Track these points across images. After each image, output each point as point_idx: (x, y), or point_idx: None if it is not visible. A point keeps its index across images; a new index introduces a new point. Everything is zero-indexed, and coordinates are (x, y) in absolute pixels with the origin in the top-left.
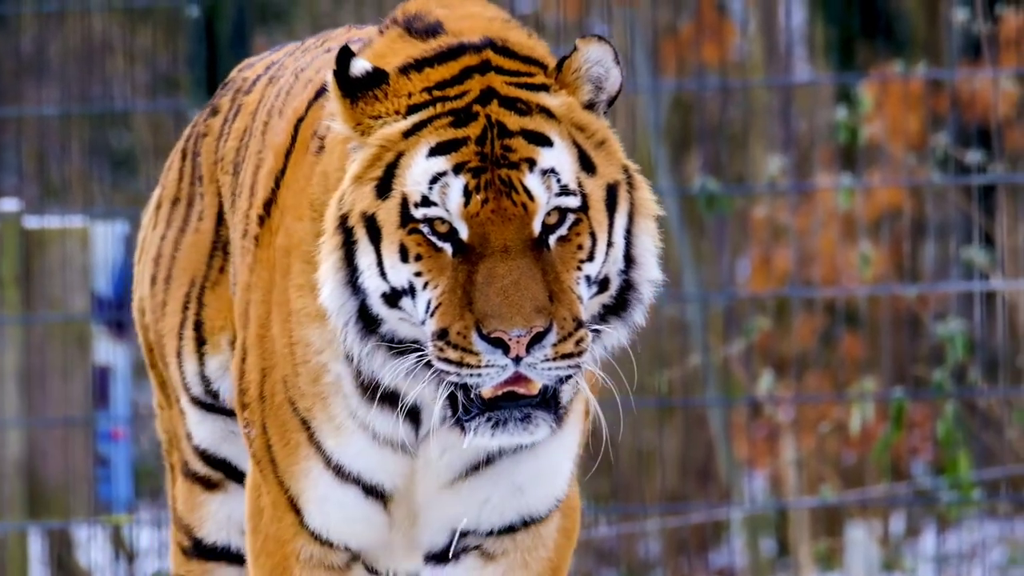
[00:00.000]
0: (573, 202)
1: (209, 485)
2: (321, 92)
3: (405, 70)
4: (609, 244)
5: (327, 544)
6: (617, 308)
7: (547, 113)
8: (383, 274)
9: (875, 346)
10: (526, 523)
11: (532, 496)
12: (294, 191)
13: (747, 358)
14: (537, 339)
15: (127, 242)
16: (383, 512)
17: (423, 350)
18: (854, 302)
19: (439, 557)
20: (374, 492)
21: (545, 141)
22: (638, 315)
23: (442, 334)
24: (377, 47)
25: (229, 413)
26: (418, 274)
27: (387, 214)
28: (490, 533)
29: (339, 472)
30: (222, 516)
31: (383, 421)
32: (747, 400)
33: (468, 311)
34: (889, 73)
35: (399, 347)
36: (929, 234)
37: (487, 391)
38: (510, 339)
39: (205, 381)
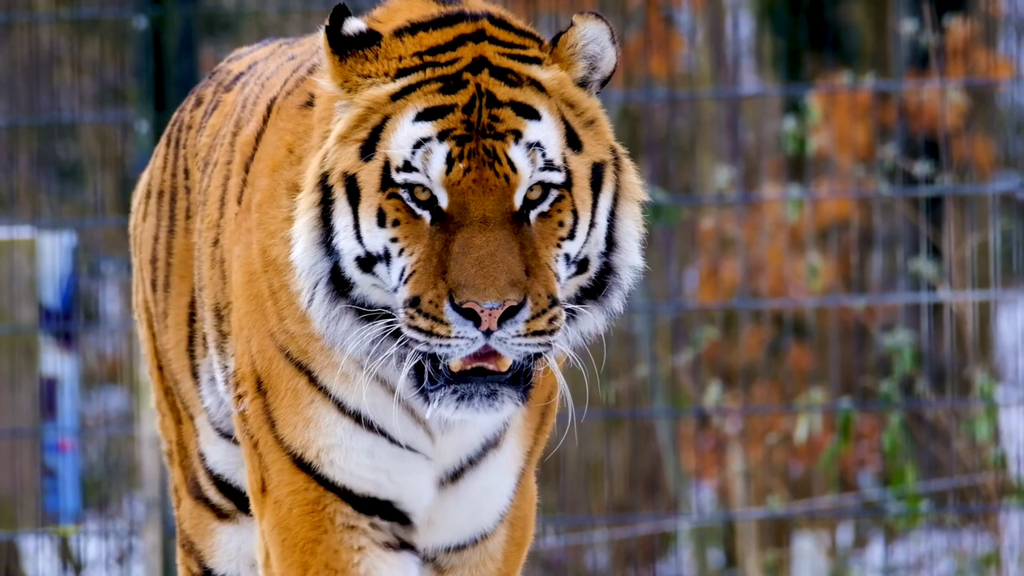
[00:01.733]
0: (557, 177)
1: (220, 515)
2: (298, 68)
3: (399, 33)
4: (591, 224)
5: (355, 501)
6: (595, 291)
7: (537, 86)
8: (359, 237)
9: (823, 357)
10: (475, 540)
11: (482, 515)
12: (266, 155)
13: (695, 369)
14: (510, 313)
15: (75, 253)
16: (423, 463)
17: (392, 318)
18: (802, 313)
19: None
20: (403, 446)
21: (533, 114)
22: (616, 300)
23: (414, 302)
24: (393, 3)
25: None
26: (394, 240)
27: (368, 176)
28: (447, 549)
29: (357, 419)
30: (232, 548)
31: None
32: (695, 411)
33: (442, 280)
34: (837, 84)
35: (368, 312)
36: (877, 245)
37: (456, 364)
38: (482, 311)
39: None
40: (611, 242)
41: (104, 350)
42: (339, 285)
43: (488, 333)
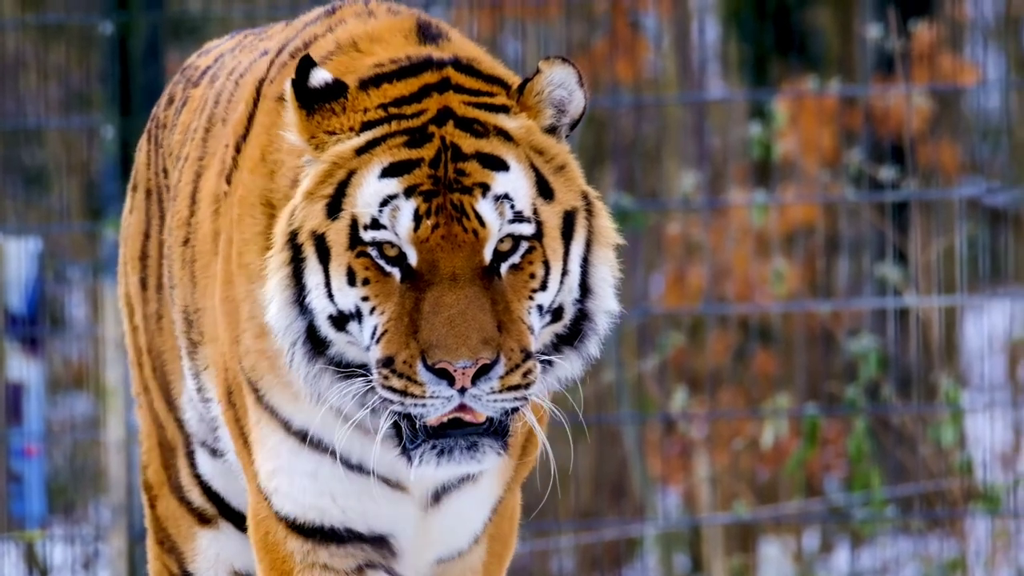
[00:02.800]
0: (527, 229)
1: (203, 520)
2: (280, 52)
3: (364, 85)
4: (564, 273)
5: (307, 536)
6: (571, 338)
7: (504, 136)
8: (330, 296)
9: (789, 362)
10: (453, 556)
11: (457, 536)
12: (253, 145)
13: (661, 374)
14: (483, 371)
15: (40, 259)
16: (392, 489)
17: (370, 375)
18: (768, 318)
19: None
20: (361, 470)
21: (500, 165)
22: (592, 346)
23: (387, 362)
24: (375, 30)
25: None
26: (365, 299)
27: (336, 235)
28: (428, 563)
29: (304, 439)
30: (211, 554)
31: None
32: (661, 416)
33: (414, 340)
34: (803, 89)
35: (346, 371)
36: (843, 250)
37: (432, 419)
38: (455, 371)
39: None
40: (585, 288)
41: (70, 356)
42: (316, 344)
43: (463, 391)
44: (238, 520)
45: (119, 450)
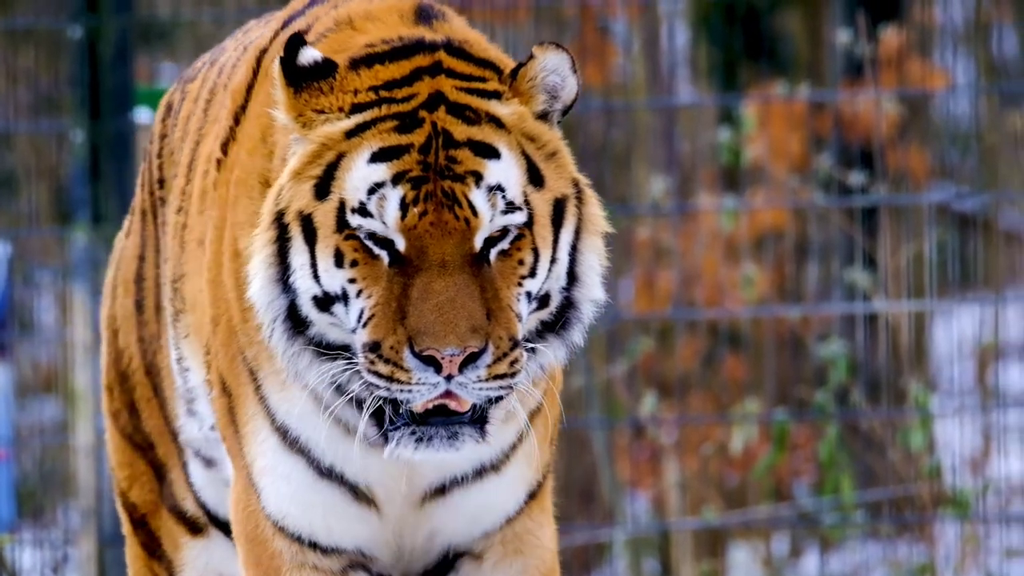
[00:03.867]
0: (518, 218)
1: (194, 529)
2: (289, 21)
3: (355, 64)
4: (553, 260)
5: (292, 538)
6: (555, 325)
7: (496, 123)
8: (316, 276)
9: (758, 367)
10: (497, 527)
11: (483, 525)
12: (252, 123)
13: (630, 379)
14: (471, 359)
15: (9, 263)
16: (359, 504)
17: (352, 357)
18: (737, 323)
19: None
20: (331, 476)
21: (492, 153)
22: (576, 335)
23: (374, 347)
24: (372, 7)
25: None
26: (352, 281)
27: (324, 216)
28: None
29: (284, 436)
30: (201, 564)
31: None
32: (630, 421)
33: (401, 326)
34: (772, 94)
35: (327, 352)
36: (812, 255)
37: (417, 405)
38: (443, 358)
39: None
40: (572, 276)
41: (39, 360)
42: (296, 323)
43: (449, 378)
44: (227, 528)
45: (88, 454)
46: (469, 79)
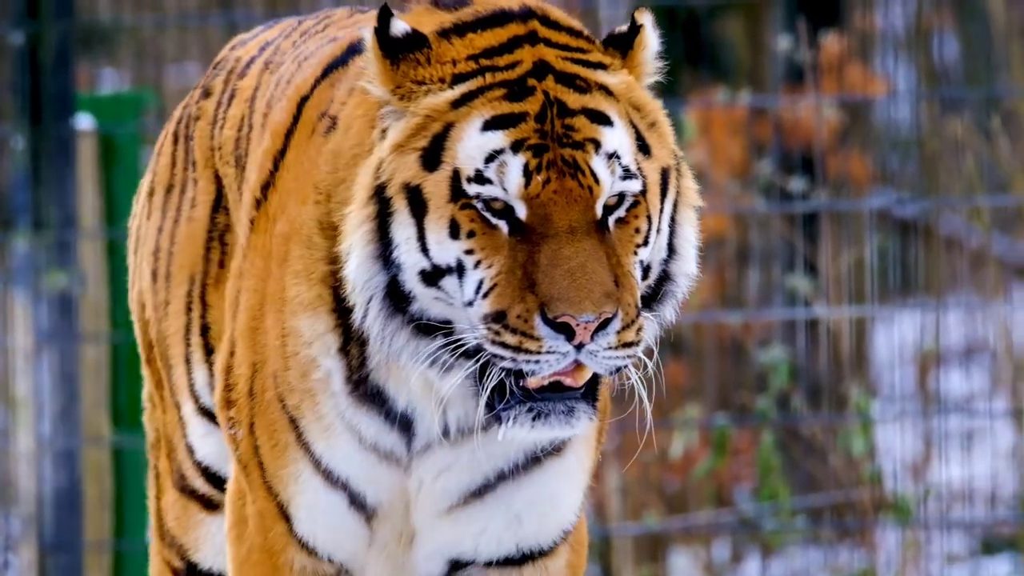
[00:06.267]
0: (635, 186)
1: (209, 505)
2: (328, 70)
3: (445, 34)
4: (658, 231)
5: (316, 554)
6: (650, 300)
7: (606, 91)
8: (424, 249)
9: (699, 373)
10: (529, 556)
11: (532, 526)
12: (296, 174)
13: None
14: (603, 326)
15: None
16: (364, 526)
17: (451, 333)
18: (678, 328)
19: None
20: (357, 502)
21: (606, 120)
22: (669, 310)
23: (498, 316)
24: (405, 18)
25: None
26: (469, 251)
27: (435, 187)
28: (489, 564)
29: (328, 477)
30: (220, 539)
31: (370, 423)
32: None
33: (530, 293)
34: (712, 100)
35: (424, 329)
36: (753, 261)
37: (534, 380)
38: (577, 324)
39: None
40: (671, 249)
41: None
42: (396, 300)
43: (580, 347)
44: None
45: (28, 461)
46: (568, 49)
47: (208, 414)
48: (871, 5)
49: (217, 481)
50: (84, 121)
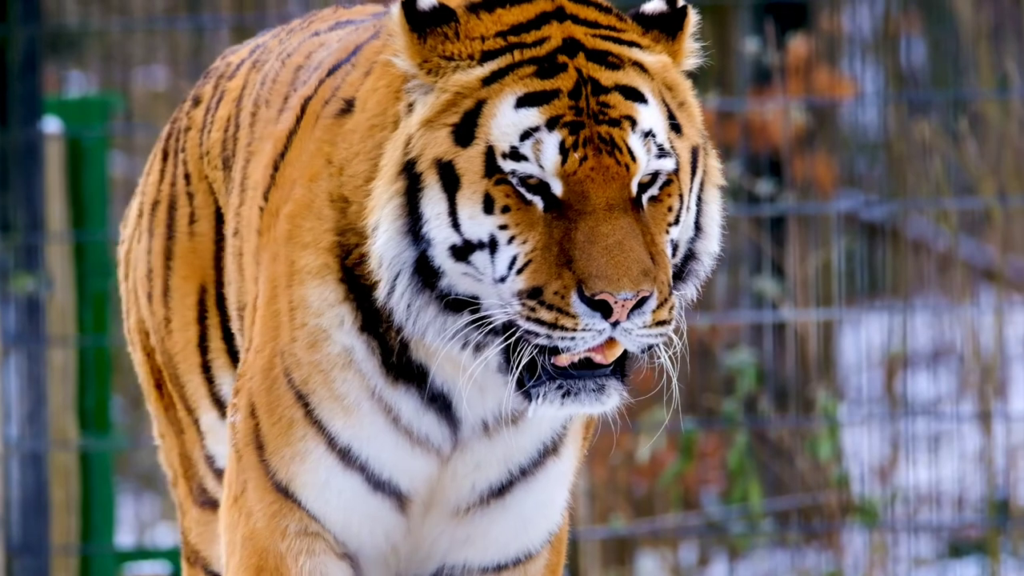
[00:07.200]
0: (669, 164)
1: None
2: (333, 71)
3: (473, 9)
4: (687, 209)
5: (322, 538)
6: (675, 278)
7: (640, 67)
8: (455, 224)
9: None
10: (517, 561)
11: (534, 531)
12: (298, 164)
13: None
14: (639, 304)
15: None
16: (397, 513)
17: (479, 311)
18: None
19: None
20: (385, 488)
21: (640, 97)
22: (692, 288)
23: (533, 293)
24: None
25: None
26: (503, 227)
27: (469, 162)
28: (484, 570)
29: (345, 457)
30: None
31: (407, 404)
32: None
33: (567, 270)
34: None
35: (452, 305)
36: (720, 264)
37: (563, 357)
38: (615, 302)
39: None
40: (697, 227)
41: None
42: (425, 275)
43: (615, 325)
44: None
45: None
46: (596, 26)
47: None
48: (838, 8)
49: None
50: (51, 124)
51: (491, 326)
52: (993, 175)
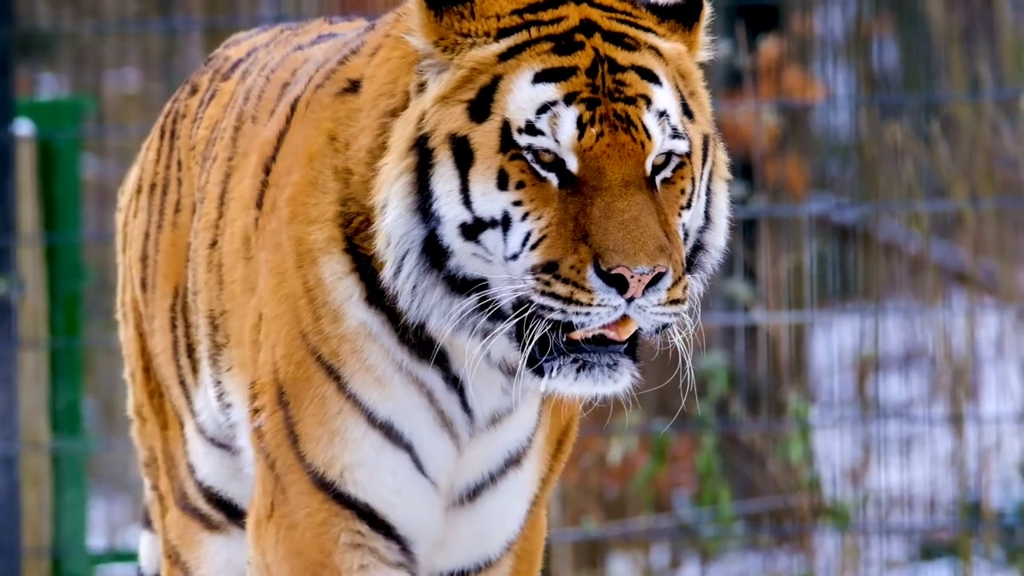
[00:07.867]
0: (683, 146)
1: (210, 525)
2: (319, 86)
3: None
4: (698, 196)
5: (370, 519)
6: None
7: (655, 51)
8: (467, 202)
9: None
10: (478, 568)
11: (491, 540)
12: (294, 151)
13: None
14: (655, 280)
15: None
16: (437, 504)
17: (486, 290)
18: None
19: None
20: (426, 471)
21: (655, 79)
22: (698, 280)
23: (548, 267)
24: None
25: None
26: (517, 203)
27: (484, 137)
28: (450, 574)
29: (389, 433)
30: (221, 560)
31: (438, 383)
32: None
33: (584, 244)
34: None
35: (458, 287)
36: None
37: (578, 333)
38: (632, 277)
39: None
40: (707, 218)
41: None
42: (433, 255)
43: (630, 301)
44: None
45: None
46: (612, 10)
47: (207, 434)
48: (810, 10)
49: (218, 502)
50: (23, 127)
51: (497, 308)
52: (965, 178)
